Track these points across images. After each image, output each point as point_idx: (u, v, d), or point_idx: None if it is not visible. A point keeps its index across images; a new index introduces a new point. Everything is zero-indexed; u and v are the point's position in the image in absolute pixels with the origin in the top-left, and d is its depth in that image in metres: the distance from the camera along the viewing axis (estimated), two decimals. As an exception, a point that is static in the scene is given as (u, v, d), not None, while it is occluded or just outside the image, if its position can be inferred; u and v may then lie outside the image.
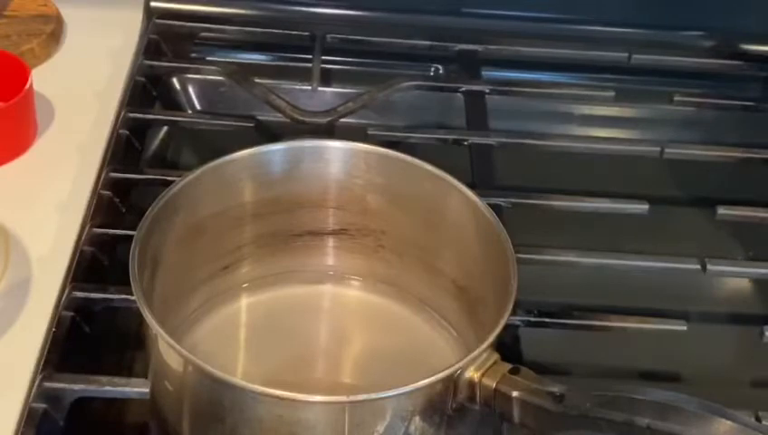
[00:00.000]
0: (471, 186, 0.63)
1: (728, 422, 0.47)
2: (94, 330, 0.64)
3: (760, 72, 0.94)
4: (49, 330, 0.62)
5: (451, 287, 0.65)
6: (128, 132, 0.78)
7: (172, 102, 0.88)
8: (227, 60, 0.90)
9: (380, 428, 0.52)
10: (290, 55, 0.92)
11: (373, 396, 0.52)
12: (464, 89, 0.87)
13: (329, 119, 0.82)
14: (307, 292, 0.68)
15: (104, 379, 0.59)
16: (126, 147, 0.77)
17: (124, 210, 0.72)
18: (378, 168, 0.65)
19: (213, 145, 0.70)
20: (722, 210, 0.77)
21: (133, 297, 0.53)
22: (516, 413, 0.52)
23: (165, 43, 0.89)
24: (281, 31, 0.91)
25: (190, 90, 0.89)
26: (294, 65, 0.90)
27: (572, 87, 0.92)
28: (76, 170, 0.74)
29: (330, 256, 0.68)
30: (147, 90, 0.84)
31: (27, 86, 0.74)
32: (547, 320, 0.68)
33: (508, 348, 0.61)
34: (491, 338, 0.54)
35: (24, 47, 0.83)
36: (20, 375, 0.59)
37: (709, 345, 0.72)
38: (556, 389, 0.51)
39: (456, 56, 0.92)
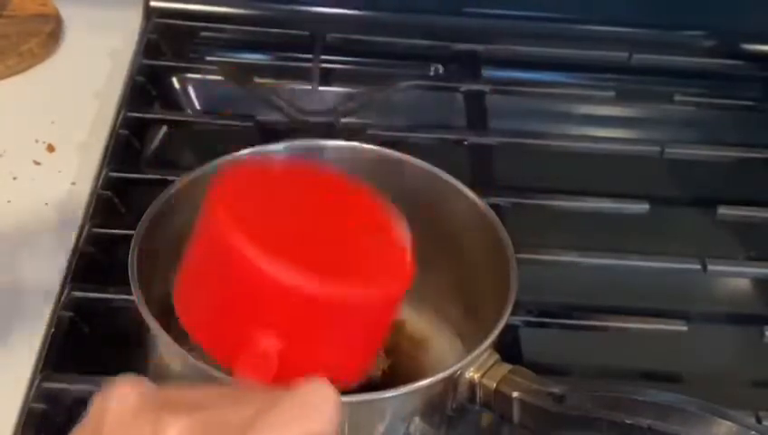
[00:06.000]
0: (471, 186, 0.63)
1: (729, 423, 0.47)
2: (94, 330, 0.64)
3: (760, 72, 0.94)
4: (48, 330, 0.62)
5: (451, 287, 0.65)
6: (127, 132, 0.78)
7: (172, 102, 0.88)
8: (227, 60, 0.90)
9: (380, 428, 0.52)
10: (290, 55, 0.92)
11: (373, 396, 0.52)
12: (464, 89, 0.87)
13: (329, 119, 0.82)
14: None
15: (104, 379, 0.58)
16: (126, 147, 0.77)
17: (124, 210, 0.72)
18: (378, 168, 0.65)
19: (213, 145, 0.70)
20: (722, 210, 0.77)
21: (133, 297, 0.53)
22: (516, 414, 0.52)
23: (164, 43, 0.89)
24: (281, 31, 0.91)
25: (190, 90, 0.89)
26: (294, 65, 0.90)
27: (572, 87, 0.92)
28: (76, 170, 0.74)
29: (330, 256, 0.68)
30: (146, 89, 0.84)
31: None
32: (547, 320, 0.68)
33: (508, 348, 0.61)
34: (491, 338, 0.53)
35: (23, 47, 0.83)
36: (20, 375, 0.59)
37: (709, 345, 0.72)
38: (556, 389, 0.51)
39: (455, 56, 0.92)
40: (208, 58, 0.90)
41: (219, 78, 0.86)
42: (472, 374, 0.53)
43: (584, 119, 0.91)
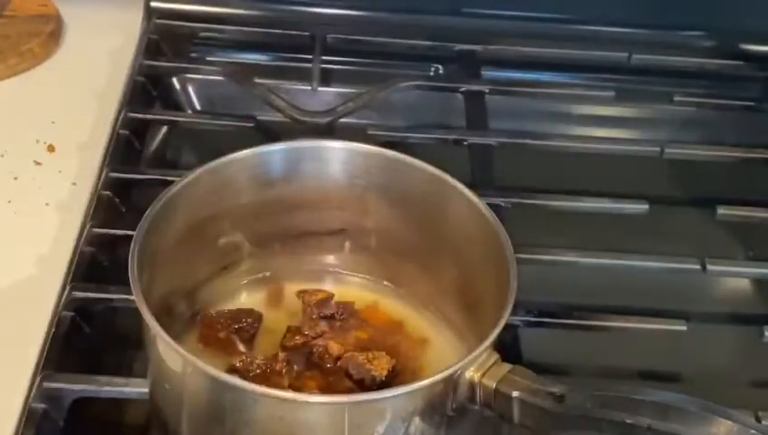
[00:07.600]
0: (471, 186, 0.63)
1: (729, 423, 0.47)
2: (94, 330, 0.64)
3: (760, 72, 0.94)
4: (49, 330, 0.62)
5: (451, 287, 0.65)
6: (128, 132, 0.78)
7: (172, 102, 0.88)
8: (227, 60, 0.90)
9: (380, 428, 0.52)
10: (290, 55, 0.92)
11: (373, 396, 0.53)
12: (464, 89, 0.87)
13: (329, 119, 0.82)
14: (307, 292, 0.68)
15: (104, 379, 0.59)
16: (126, 147, 0.77)
17: (124, 210, 0.72)
18: (378, 168, 0.65)
19: (213, 145, 0.70)
20: (722, 210, 0.77)
21: (133, 297, 0.53)
22: (516, 413, 0.52)
23: (165, 43, 0.89)
24: (281, 31, 0.91)
25: (190, 90, 0.89)
26: (294, 65, 0.90)
27: (572, 87, 0.92)
28: (76, 170, 0.74)
29: (330, 256, 0.68)
30: (147, 90, 0.84)
31: None
32: (547, 320, 0.68)
33: (508, 348, 0.61)
34: (491, 338, 0.53)
35: (24, 47, 0.83)
36: (20, 375, 0.59)
37: (709, 345, 0.72)
38: (556, 389, 0.51)
39: (456, 56, 0.92)
40: (208, 58, 0.90)
41: (219, 78, 0.86)
42: (472, 374, 0.53)
43: (584, 119, 0.91)
